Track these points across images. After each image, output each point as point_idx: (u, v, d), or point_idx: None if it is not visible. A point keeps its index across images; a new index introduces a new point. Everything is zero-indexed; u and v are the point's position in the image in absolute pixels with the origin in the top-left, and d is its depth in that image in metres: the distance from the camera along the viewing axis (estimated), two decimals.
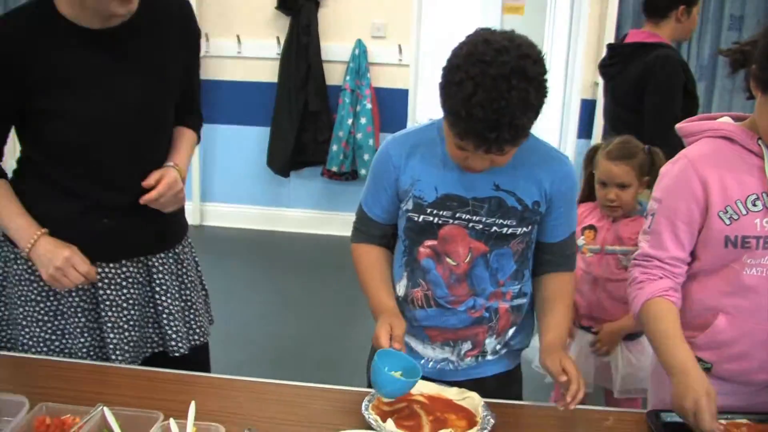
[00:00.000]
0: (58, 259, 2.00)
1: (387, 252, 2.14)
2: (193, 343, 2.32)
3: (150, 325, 2.26)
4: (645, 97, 3.70)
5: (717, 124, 1.94)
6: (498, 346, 2.09)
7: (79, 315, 2.15)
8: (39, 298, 2.13)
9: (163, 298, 2.23)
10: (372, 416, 1.79)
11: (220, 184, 6.74)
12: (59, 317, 2.14)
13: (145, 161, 2.13)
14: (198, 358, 2.34)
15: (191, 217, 6.62)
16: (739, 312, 1.91)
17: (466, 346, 2.06)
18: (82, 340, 2.16)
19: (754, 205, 1.85)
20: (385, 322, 1.91)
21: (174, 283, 2.27)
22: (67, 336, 2.15)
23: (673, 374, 1.82)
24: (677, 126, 2.02)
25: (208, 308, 2.47)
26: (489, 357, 2.09)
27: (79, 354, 2.15)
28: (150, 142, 2.15)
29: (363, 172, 6.39)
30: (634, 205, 2.94)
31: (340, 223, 6.63)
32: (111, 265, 2.15)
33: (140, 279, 2.22)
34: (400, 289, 2.08)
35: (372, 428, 1.75)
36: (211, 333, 2.43)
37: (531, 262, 2.08)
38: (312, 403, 1.92)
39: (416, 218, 1.97)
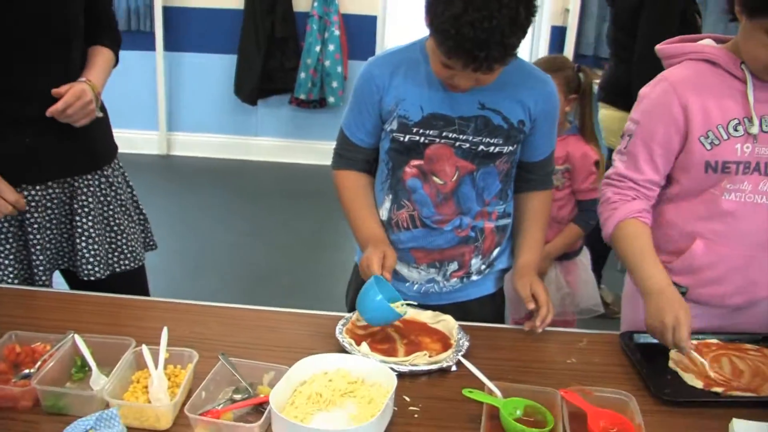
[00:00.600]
0: None
1: (370, 178, 2.11)
2: (118, 268, 2.29)
3: (64, 242, 2.23)
4: (640, 20, 3.68)
5: (699, 46, 1.90)
6: (483, 266, 2.08)
7: (10, 241, 2.11)
8: None
9: (84, 220, 2.20)
10: (346, 339, 1.78)
11: (187, 114, 6.61)
12: None
13: (54, 75, 2.06)
14: (133, 283, 2.32)
15: (157, 147, 6.52)
16: (717, 237, 1.91)
17: (453, 266, 2.05)
18: (11, 268, 2.12)
19: (736, 130, 1.83)
20: (378, 249, 1.91)
21: (97, 205, 2.23)
22: None
23: (648, 294, 1.83)
24: (657, 47, 1.98)
25: (146, 234, 2.44)
26: (474, 277, 2.08)
27: (6, 281, 2.12)
28: (56, 53, 2.08)
29: (331, 100, 6.31)
30: (563, 122, 2.92)
31: (308, 152, 6.57)
32: (37, 187, 2.11)
33: (64, 199, 2.19)
34: (383, 212, 2.06)
35: (346, 351, 1.74)
36: (145, 258, 2.39)
37: (513, 183, 2.07)
38: (285, 327, 1.91)
39: (401, 138, 1.94)
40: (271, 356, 1.69)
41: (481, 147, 1.91)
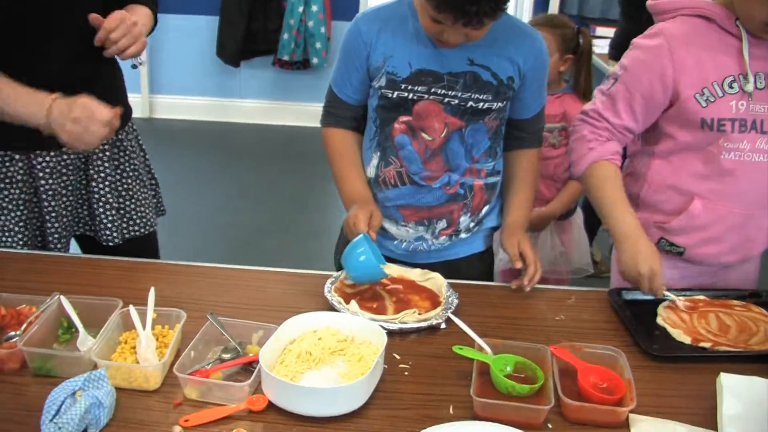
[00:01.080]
0: (74, 108, 1.79)
1: (358, 137, 2.09)
2: (132, 233, 2.24)
3: (82, 207, 2.18)
4: None
5: (694, 1, 1.87)
6: (472, 224, 2.07)
7: (21, 208, 2.06)
8: None
9: (100, 186, 2.15)
10: (335, 298, 1.77)
11: (169, 76, 6.53)
12: None
13: (85, 41, 1.95)
14: (145, 248, 2.27)
15: (140, 110, 6.44)
16: (715, 196, 1.90)
17: (441, 224, 2.03)
18: (20, 235, 2.07)
19: (731, 87, 1.81)
20: (365, 209, 1.89)
21: (111, 171, 2.17)
22: (5, 232, 2.06)
23: (622, 241, 1.85)
24: (648, 3, 1.95)
25: (157, 199, 2.39)
26: (463, 235, 2.07)
27: (16, 248, 2.07)
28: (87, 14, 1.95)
29: (315, 61, 6.25)
30: (558, 81, 2.90)
31: (292, 113, 6.52)
32: (51, 154, 2.05)
33: (78, 164, 2.13)
34: (371, 170, 2.04)
35: (335, 310, 1.73)
36: (158, 224, 2.36)
37: (503, 140, 2.06)
38: (273, 287, 1.89)
39: (390, 95, 1.91)
40: (259, 315, 1.68)
41: (470, 103, 1.89)
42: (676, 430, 1.42)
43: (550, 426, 1.42)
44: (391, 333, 1.65)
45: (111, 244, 2.19)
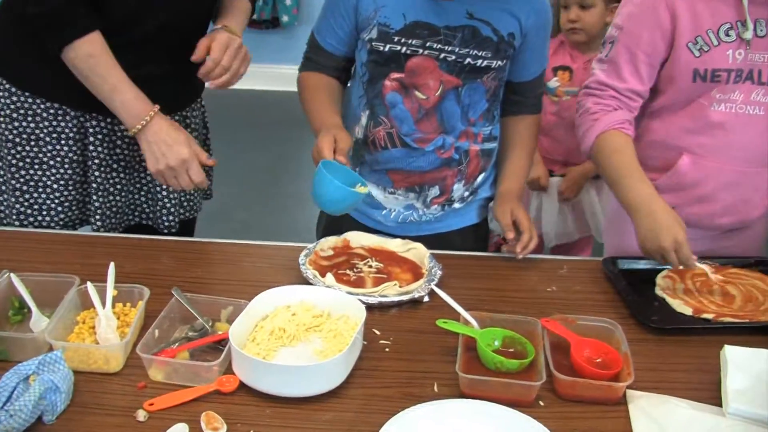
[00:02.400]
0: (174, 158, 1.82)
1: (337, 83, 2.06)
2: (182, 216, 2.18)
3: (140, 192, 2.12)
4: None
5: None
6: (466, 193, 2.07)
7: (68, 171, 2.00)
8: (22, 164, 1.98)
9: None
10: (310, 271, 1.77)
11: None
12: (40, 189, 2.00)
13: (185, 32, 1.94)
14: (184, 233, 2.20)
15: None
16: (704, 151, 1.90)
17: (433, 191, 2.04)
18: (62, 215, 2.03)
19: (727, 35, 1.80)
20: (328, 133, 1.83)
21: None
22: (45, 211, 2.01)
23: (637, 212, 1.80)
24: None
25: (210, 180, 2.33)
26: (456, 205, 2.08)
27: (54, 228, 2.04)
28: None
29: (285, 19, 6.21)
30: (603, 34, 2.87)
31: (262, 77, 6.45)
32: (108, 120, 1.98)
33: (134, 140, 2.06)
34: (359, 130, 2.02)
35: (310, 283, 1.73)
36: (201, 208, 2.31)
37: (500, 104, 2.06)
38: (243, 261, 1.89)
39: (381, 48, 1.90)
40: (229, 291, 1.68)
41: (468, 60, 1.88)
42: (678, 406, 1.43)
43: (541, 404, 1.43)
44: (370, 307, 1.65)
45: (172, 230, 2.13)
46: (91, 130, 1.98)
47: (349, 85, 2.10)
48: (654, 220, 1.77)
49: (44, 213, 2.01)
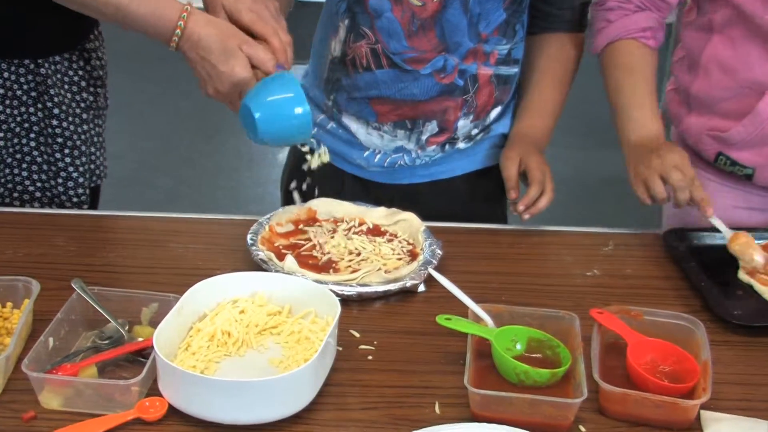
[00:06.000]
0: (223, 80, 1.74)
1: None
2: (92, 183, 2.20)
3: (15, 156, 2.12)
4: None
5: None
6: (475, 131, 2.08)
7: (33, 142, 2.07)
8: None
9: (64, 124, 2.08)
10: (263, 252, 1.77)
11: None
12: None
13: None
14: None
15: None
16: None
17: (430, 128, 2.05)
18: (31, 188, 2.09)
19: None
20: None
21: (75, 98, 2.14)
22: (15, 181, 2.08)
23: (632, 149, 1.88)
24: None
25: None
26: (461, 145, 2.09)
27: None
28: None
29: None
30: None
31: None
32: (57, 59, 2.04)
33: (91, 79, 2.14)
34: (335, 45, 2.04)
35: (264, 270, 1.72)
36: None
37: (527, 17, 2.06)
38: (169, 240, 1.89)
39: None
40: (151, 282, 1.68)
41: None
42: None
43: (582, 429, 1.43)
44: (346, 301, 1.66)
45: (79, 201, 2.16)
46: (44, 72, 2.01)
47: None
48: (659, 148, 1.83)
49: None
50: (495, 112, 2.09)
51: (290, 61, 1.76)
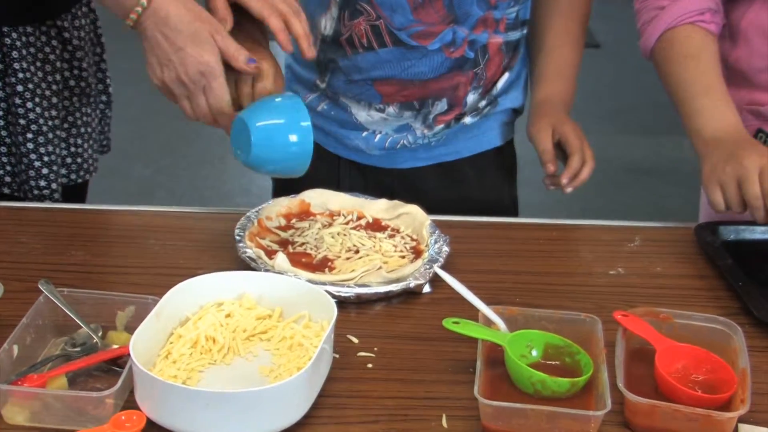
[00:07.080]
0: (187, 66, 1.70)
1: None
2: (64, 180, 2.19)
3: (11, 137, 2.13)
4: None
5: None
6: (482, 103, 2.09)
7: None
8: None
9: (29, 104, 2.07)
10: (251, 250, 1.77)
11: None
12: None
13: None
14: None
15: None
16: None
17: (440, 106, 2.06)
18: None
19: None
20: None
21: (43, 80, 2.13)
22: None
23: (716, 147, 1.83)
24: None
25: (105, 124, 2.38)
26: (467, 120, 2.09)
27: None
28: None
29: None
30: None
31: None
32: (22, 29, 2.03)
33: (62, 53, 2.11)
34: (327, 23, 2.03)
35: (252, 269, 1.73)
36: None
37: None
38: (147, 237, 1.89)
39: None
40: (128, 283, 1.69)
41: None
42: None
43: None
44: (343, 303, 1.66)
45: (45, 194, 2.16)
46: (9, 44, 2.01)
47: None
48: (739, 147, 1.79)
49: None
50: (503, 81, 2.10)
51: (308, 40, 1.72)
